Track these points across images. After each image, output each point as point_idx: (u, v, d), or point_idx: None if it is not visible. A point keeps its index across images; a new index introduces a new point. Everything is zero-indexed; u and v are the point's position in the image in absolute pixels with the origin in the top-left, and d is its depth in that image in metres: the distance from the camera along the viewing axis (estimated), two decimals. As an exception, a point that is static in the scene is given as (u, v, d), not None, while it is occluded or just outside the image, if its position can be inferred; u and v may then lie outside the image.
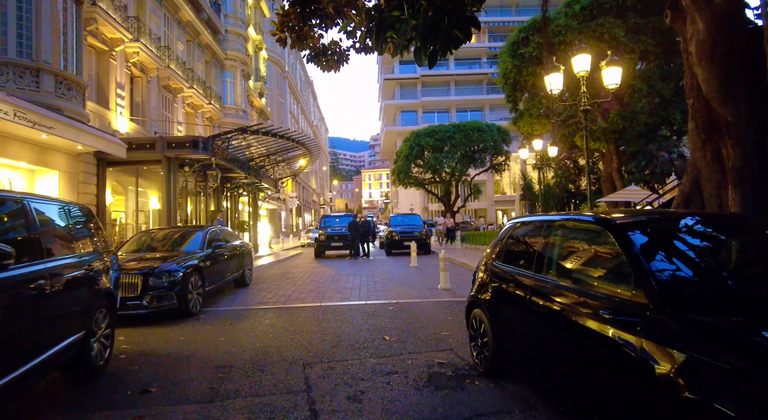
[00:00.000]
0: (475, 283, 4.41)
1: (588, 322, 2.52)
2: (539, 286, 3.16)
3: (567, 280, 2.93)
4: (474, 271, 4.69)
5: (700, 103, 5.46)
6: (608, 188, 20.16)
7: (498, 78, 19.07)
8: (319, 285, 10.21)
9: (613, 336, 2.27)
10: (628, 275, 2.38)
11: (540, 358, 3.12)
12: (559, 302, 2.89)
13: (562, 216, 3.33)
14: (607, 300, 2.46)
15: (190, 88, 19.46)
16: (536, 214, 4.29)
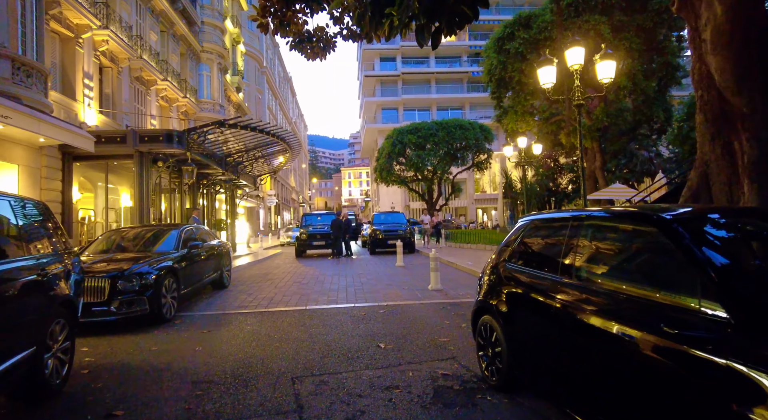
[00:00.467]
0: (483, 288, 4.02)
1: (636, 336, 2.15)
2: (567, 292, 2.77)
3: (603, 285, 2.55)
4: (480, 275, 4.30)
5: (710, 95, 5.19)
6: (591, 186, 20.17)
7: (482, 75, 18.82)
8: (303, 286, 9.70)
9: (678, 354, 1.89)
10: (689, 282, 2.00)
11: (568, 373, 2.74)
12: (592, 311, 2.52)
13: (593, 212, 2.95)
14: (663, 311, 2.08)
15: (164, 81, 18.60)
16: (553, 210, 3.80)
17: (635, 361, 2.15)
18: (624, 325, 2.25)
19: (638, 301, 2.26)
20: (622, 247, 2.63)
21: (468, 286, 9.13)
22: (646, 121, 18.19)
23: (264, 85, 46.70)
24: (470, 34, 52.91)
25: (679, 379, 1.87)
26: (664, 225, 2.27)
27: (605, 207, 3.47)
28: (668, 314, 2.04)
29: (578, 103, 9.11)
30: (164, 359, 4.73)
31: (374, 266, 13.60)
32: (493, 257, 4.13)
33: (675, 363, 1.90)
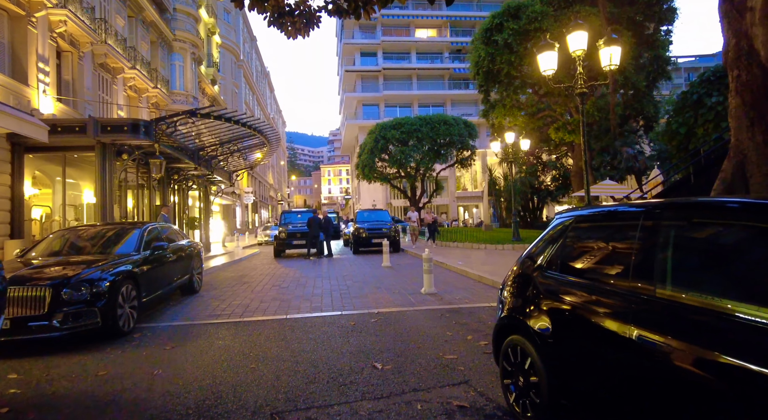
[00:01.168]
0: (508, 302, 3.29)
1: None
2: (649, 311, 2.06)
3: (704, 303, 1.84)
4: (501, 286, 3.56)
5: (751, 74, 4.55)
6: (578, 183, 19.81)
7: (470, 67, 18.18)
8: (283, 291, 8.84)
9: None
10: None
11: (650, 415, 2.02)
12: (692, 340, 1.81)
13: (678, 202, 2.23)
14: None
15: (132, 69, 17.35)
16: (606, 204, 2.97)
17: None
18: (743, 359, 1.55)
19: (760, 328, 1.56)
20: (734, 250, 1.92)
21: (463, 288, 8.43)
22: (635, 117, 17.85)
23: (241, 78, 45.30)
24: (452, 30, 52.46)
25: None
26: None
27: (686, 199, 2.77)
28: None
29: (581, 91, 8.49)
30: (113, 388, 3.85)
31: (359, 267, 12.80)
32: (518, 265, 3.41)
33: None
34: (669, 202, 2.28)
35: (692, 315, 1.87)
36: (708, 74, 16.04)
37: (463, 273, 10.43)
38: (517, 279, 3.32)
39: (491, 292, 8.04)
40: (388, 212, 19.87)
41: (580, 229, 2.84)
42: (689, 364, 1.80)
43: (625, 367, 2.12)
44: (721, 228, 1.96)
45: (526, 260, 3.37)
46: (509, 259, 12.69)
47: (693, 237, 2.09)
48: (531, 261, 3.21)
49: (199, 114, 12.67)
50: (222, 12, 41.28)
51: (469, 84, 52.82)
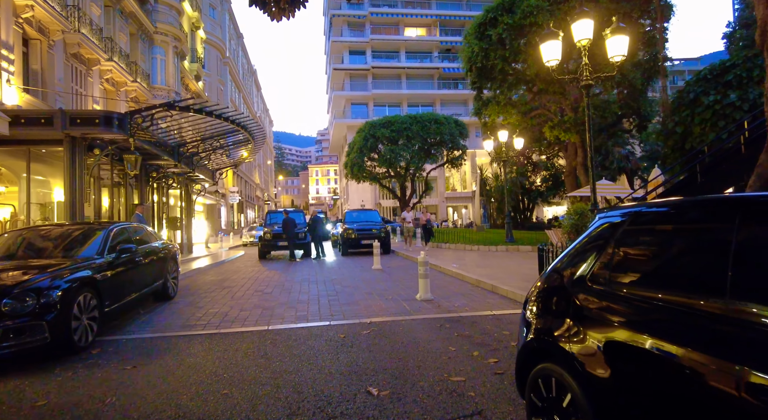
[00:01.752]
0: (536, 322, 2.68)
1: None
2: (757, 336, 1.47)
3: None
4: (524, 302, 2.96)
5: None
6: (571, 183, 19.42)
7: (462, 63, 17.66)
8: (266, 297, 8.16)
9: None
10: None
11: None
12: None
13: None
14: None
15: (109, 61, 16.47)
16: (667, 199, 2.29)
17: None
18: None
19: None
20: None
21: (461, 294, 7.85)
22: (632, 115, 17.48)
23: (226, 76, 44.34)
24: (441, 29, 52.09)
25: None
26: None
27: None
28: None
29: (587, 83, 7.97)
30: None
31: (348, 270, 12.15)
32: (544, 279, 2.82)
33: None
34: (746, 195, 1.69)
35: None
36: (704, 73, 15.74)
37: (459, 277, 9.86)
38: (545, 295, 2.73)
39: (491, 297, 7.47)
40: (378, 212, 19.24)
41: (640, 231, 2.24)
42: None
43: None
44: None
45: (553, 274, 2.78)
46: (505, 261, 12.17)
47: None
48: (562, 274, 2.61)
49: (178, 107, 11.90)
50: (207, 7, 40.34)
51: (459, 84, 52.52)
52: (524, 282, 8.30)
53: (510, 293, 7.45)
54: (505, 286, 7.88)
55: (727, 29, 32.97)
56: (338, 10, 51.27)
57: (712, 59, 45.67)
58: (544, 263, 7.45)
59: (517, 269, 10.25)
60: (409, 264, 13.16)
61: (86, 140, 10.74)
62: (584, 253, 2.54)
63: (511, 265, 11.03)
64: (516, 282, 8.31)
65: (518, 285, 7.92)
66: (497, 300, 7.25)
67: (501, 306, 6.77)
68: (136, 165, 10.99)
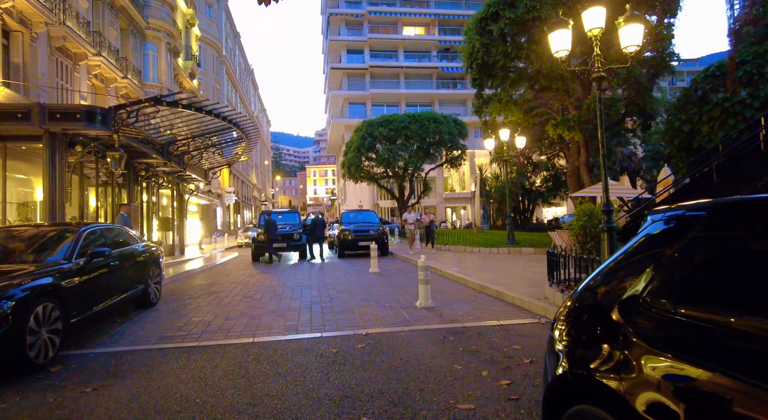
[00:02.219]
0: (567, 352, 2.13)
1: None
2: None
3: None
4: (552, 323, 2.41)
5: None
6: (574, 184, 18.89)
7: (462, 59, 17.14)
8: (255, 303, 7.61)
9: None
10: None
11: None
12: None
13: None
14: None
15: (97, 56, 15.90)
16: (758, 196, 1.67)
17: None
18: None
19: None
20: None
21: (464, 300, 7.31)
22: (637, 113, 16.97)
23: (223, 75, 43.82)
24: (440, 28, 51.61)
25: None
26: None
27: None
28: None
29: (598, 75, 7.45)
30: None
31: (344, 273, 11.60)
32: (575, 299, 2.27)
33: None
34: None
35: None
36: (713, 69, 15.26)
37: (461, 281, 9.32)
38: (579, 319, 2.19)
39: (496, 305, 6.94)
40: (376, 213, 18.70)
41: (721, 238, 1.69)
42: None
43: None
44: None
45: (587, 293, 2.24)
46: (508, 264, 11.64)
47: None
48: (601, 293, 2.08)
49: (165, 102, 11.34)
50: (203, 5, 39.84)
51: (458, 84, 52.06)
52: (531, 287, 7.78)
53: (517, 300, 6.93)
54: (511, 292, 7.35)
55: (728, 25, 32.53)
56: (336, 8, 50.77)
57: (711, 60, 45.30)
58: (554, 269, 6.93)
59: (521, 273, 9.72)
60: (408, 267, 12.63)
61: (67, 136, 10.18)
62: (634, 267, 2.00)
63: (515, 269, 10.51)
64: (522, 287, 7.78)
65: (525, 291, 7.39)
66: (503, 307, 6.73)
67: (508, 314, 6.24)
68: (120, 163, 10.42)
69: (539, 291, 7.37)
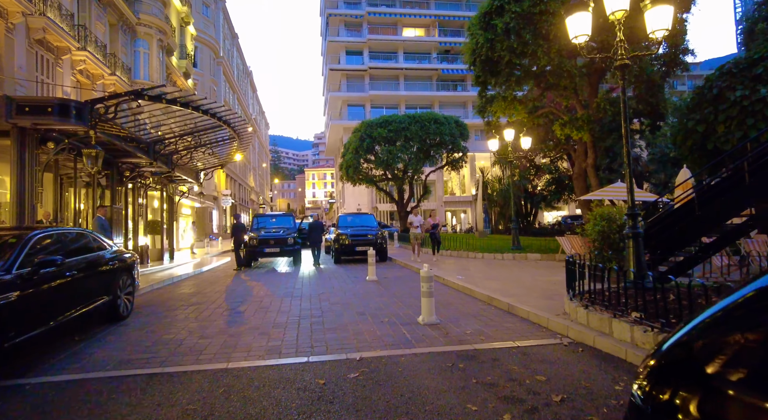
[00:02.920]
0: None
1: None
2: None
3: None
4: (636, 380, 1.59)
5: None
6: (581, 187, 18.11)
7: (465, 56, 16.38)
8: (237, 317, 6.79)
9: None
10: None
11: None
12: None
13: None
14: None
15: (81, 50, 15.13)
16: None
17: None
18: None
19: None
20: None
21: (472, 315, 6.50)
22: (649, 113, 16.19)
23: (220, 76, 43.10)
24: (440, 29, 50.99)
25: None
26: None
27: None
28: None
29: (622, 63, 6.68)
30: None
31: (339, 281, 10.78)
32: (665, 351, 1.46)
33: None
34: None
35: None
36: (729, 66, 14.52)
37: (467, 291, 8.51)
38: (677, 388, 1.38)
39: (509, 320, 6.13)
40: (374, 216, 17.89)
41: None
42: None
43: None
44: None
45: (677, 350, 1.43)
46: (515, 271, 10.83)
47: None
48: (705, 355, 1.27)
49: (147, 96, 10.52)
50: (200, 5, 39.19)
51: (458, 86, 51.41)
52: (546, 299, 6.98)
53: (532, 315, 6.12)
54: (525, 305, 6.55)
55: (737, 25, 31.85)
56: (335, 9, 50.14)
57: (712, 64, 44.29)
58: (575, 280, 6.13)
59: (532, 283, 8.92)
60: (408, 274, 11.82)
61: (39, 132, 9.37)
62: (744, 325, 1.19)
63: (525, 278, 9.69)
64: (536, 300, 6.98)
65: (540, 304, 6.59)
66: (517, 324, 5.92)
67: (524, 333, 5.43)
68: (97, 161, 9.60)
69: (556, 304, 6.57)
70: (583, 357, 4.50)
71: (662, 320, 4.25)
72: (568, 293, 6.32)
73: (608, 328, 4.92)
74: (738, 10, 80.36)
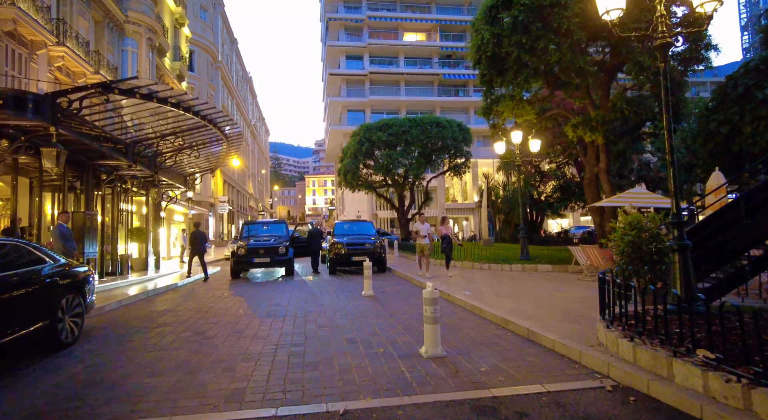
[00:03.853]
0: None
1: None
2: None
3: None
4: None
5: None
6: (593, 193, 16.97)
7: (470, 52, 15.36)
8: (203, 344, 5.66)
9: None
10: None
11: None
12: None
13: None
14: None
15: (59, 46, 14.16)
16: None
17: None
18: None
19: None
20: None
21: (485, 344, 5.37)
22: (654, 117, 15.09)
23: (218, 80, 42.28)
24: (441, 34, 50.23)
25: None
26: None
27: None
28: None
29: (664, 41, 5.62)
30: None
31: (332, 297, 9.64)
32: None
33: None
34: None
35: None
36: (755, 63, 13.51)
37: (476, 311, 7.38)
38: None
39: (531, 351, 5.00)
40: (373, 224, 16.78)
41: None
42: None
43: None
44: None
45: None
46: (527, 285, 9.68)
47: None
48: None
49: (118, 90, 9.49)
50: (198, 9, 38.45)
51: (460, 91, 50.55)
52: (571, 323, 5.86)
53: (559, 346, 4.99)
54: (548, 331, 5.43)
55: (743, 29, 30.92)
56: (335, 13, 49.43)
57: (719, 72, 42.93)
58: (610, 303, 5.03)
59: (549, 300, 7.78)
60: (409, 288, 10.69)
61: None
62: None
63: (540, 293, 8.56)
64: (560, 323, 5.85)
65: (566, 330, 5.47)
66: (542, 357, 4.79)
67: (553, 371, 4.30)
68: (58, 161, 8.55)
69: (585, 330, 5.45)
70: (639, 411, 3.39)
71: (756, 368, 3.11)
72: (602, 318, 5.21)
73: (667, 370, 3.79)
74: (743, 16, 79.69)
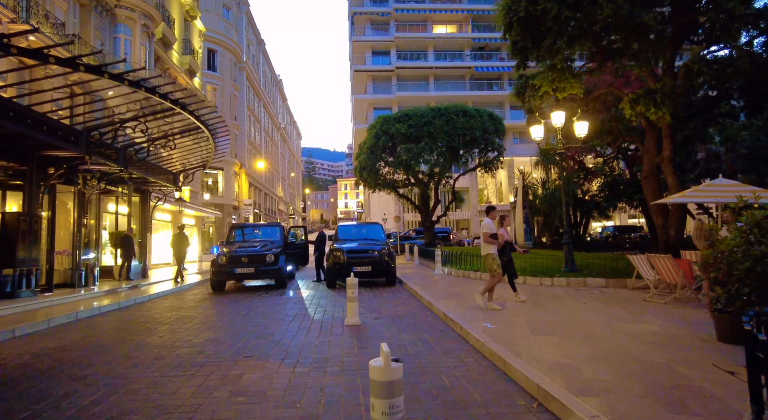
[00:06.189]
0: None
1: None
2: None
3: None
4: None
5: None
6: (653, 188, 13.76)
7: (497, 14, 12.61)
8: (141, 397, 3.31)
9: None
10: None
11: None
12: None
13: None
14: None
15: (21, 23, 12.47)
16: None
17: None
18: None
19: None
20: None
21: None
22: (752, 87, 11.82)
23: (243, 81, 40.96)
24: (473, 25, 47.23)
25: None
26: None
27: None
28: None
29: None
30: None
31: (298, 326, 7.13)
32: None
33: None
34: None
35: None
36: None
37: (499, 363, 4.69)
38: None
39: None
40: (382, 227, 14.21)
41: None
42: None
43: None
44: None
45: None
46: (575, 310, 6.83)
47: None
48: None
49: (53, 59, 7.53)
50: (221, 8, 37.29)
51: (494, 85, 47.30)
52: (664, 404, 3.10)
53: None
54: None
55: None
56: (361, 7, 47.38)
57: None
58: None
59: (614, 340, 4.97)
60: (415, 310, 8.06)
61: None
62: None
63: (598, 328, 5.72)
64: (645, 406, 3.11)
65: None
66: None
67: None
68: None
69: None
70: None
71: None
72: (754, 410, 2.48)
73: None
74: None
